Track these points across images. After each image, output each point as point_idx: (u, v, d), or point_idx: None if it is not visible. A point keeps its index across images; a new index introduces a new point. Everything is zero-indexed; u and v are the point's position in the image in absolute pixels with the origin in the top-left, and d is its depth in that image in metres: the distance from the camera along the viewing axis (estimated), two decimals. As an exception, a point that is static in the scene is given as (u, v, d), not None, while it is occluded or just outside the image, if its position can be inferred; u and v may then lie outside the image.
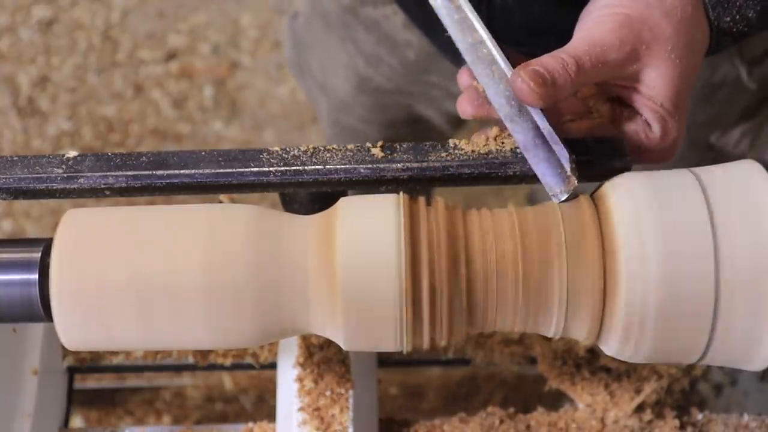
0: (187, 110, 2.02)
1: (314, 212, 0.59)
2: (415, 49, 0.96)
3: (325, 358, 0.75)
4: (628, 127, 0.62)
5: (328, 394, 0.73)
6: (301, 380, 0.74)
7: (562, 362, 0.81)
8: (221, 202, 0.66)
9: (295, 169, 0.61)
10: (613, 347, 0.56)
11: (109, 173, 0.61)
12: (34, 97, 2.03)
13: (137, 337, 0.56)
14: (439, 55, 0.92)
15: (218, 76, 2.06)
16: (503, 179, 0.61)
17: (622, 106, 0.63)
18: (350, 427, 0.72)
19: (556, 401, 0.88)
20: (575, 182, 0.57)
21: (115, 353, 0.87)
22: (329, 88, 1.09)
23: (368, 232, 0.54)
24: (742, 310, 0.52)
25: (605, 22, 0.59)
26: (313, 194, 0.65)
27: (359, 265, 0.54)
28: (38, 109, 2.01)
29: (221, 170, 0.61)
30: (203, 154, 0.62)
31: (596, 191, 0.58)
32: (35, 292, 0.56)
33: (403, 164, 0.61)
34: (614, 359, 0.69)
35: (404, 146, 0.62)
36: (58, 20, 2.14)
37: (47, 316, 0.56)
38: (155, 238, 0.56)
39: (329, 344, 0.75)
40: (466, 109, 0.62)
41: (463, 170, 0.61)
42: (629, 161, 0.60)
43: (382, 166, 0.61)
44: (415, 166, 0.61)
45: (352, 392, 0.74)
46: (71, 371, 0.89)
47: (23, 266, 0.57)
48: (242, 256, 0.55)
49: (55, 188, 0.61)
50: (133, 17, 2.14)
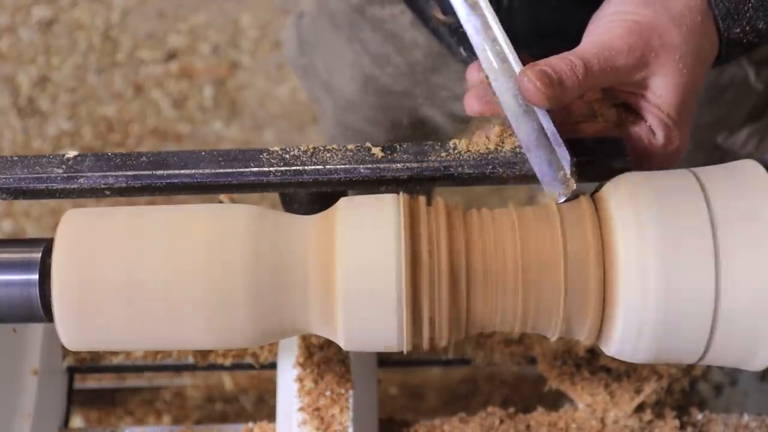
0: (187, 110, 2.02)
1: (314, 212, 0.59)
2: (422, 49, 0.95)
3: (325, 358, 0.75)
4: (632, 132, 0.62)
5: (328, 394, 0.73)
6: (301, 380, 0.74)
7: (562, 362, 0.81)
8: (221, 202, 0.66)
9: (295, 169, 0.61)
10: (613, 347, 0.56)
11: (109, 173, 0.61)
12: (34, 97, 2.03)
13: (137, 337, 0.56)
14: (446, 55, 0.92)
15: (218, 76, 2.06)
16: (503, 179, 0.61)
17: (627, 111, 0.62)
18: (350, 427, 0.72)
19: (556, 401, 0.88)
20: (574, 185, 0.57)
21: (115, 353, 0.87)
22: (334, 87, 1.09)
23: (368, 232, 0.54)
24: (742, 309, 0.52)
25: (615, 27, 0.59)
26: (313, 194, 0.65)
27: (359, 265, 0.54)
28: (38, 109, 2.01)
29: (221, 170, 0.61)
30: (203, 154, 0.62)
31: (596, 191, 0.58)
32: (35, 292, 0.56)
33: (403, 164, 0.61)
34: (614, 359, 0.69)
35: (404, 146, 0.62)
36: (58, 20, 2.14)
37: (47, 316, 0.56)
38: (155, 238, 0.56)
39: (329, 344, 0.75)
40: (473, 105, 0.62)
41: (463, 170, 0.61)
42: (630, 161, 0.60)
43: (382, 166, 0.61)
44: (415, 166, 0.61)
45: (352, 392, 0.74)
46: (71, 371, 0.89)
47: (23, 266, 0.57)
48: (242, 256, 0.55)
49: (55, 188, 0.61)
50: (133, 17, 2.14)
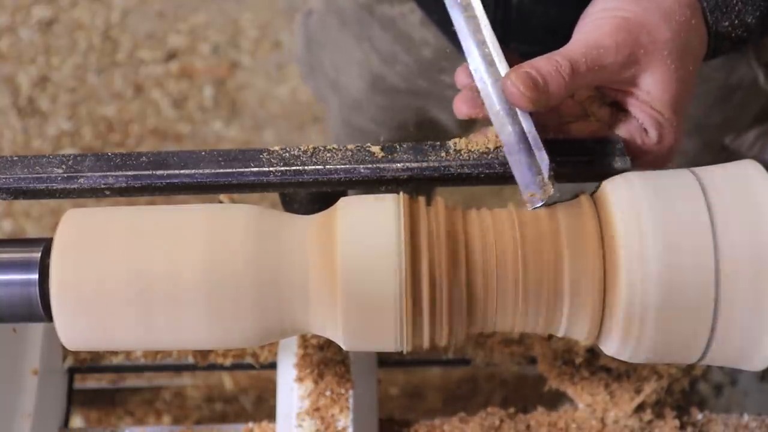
0: (187, 110, 2.02)
1: (314, 212, 0.59)
2: (431, 47, 0.95)
3: (325, 358, 0.75)
4: (624, 131, 0.61)
5: (328, 394, 0.73)
6: (301, 380, 0.74)
7: (562, 362, 0.81)
8: (221, 202, 0.66)
9: (295, 169, 0.61)
10: (613, 347, 0.56)
11: (109, 173, 0.61)
12: (34, 97, 2.03)
13: (137, 337, 0.56)
14: (455, 54, 0.92)
15: (218, 76, 2.06)
16: (503, 179, 0.61)
17: (619, 110, 0.62)
18: (350, 427, 0.72)
19: (556, 401, 0.88)
20: (551, 190, 0.56)
21: (115, 353, 0.87)
22: (341, 86, 1.08)
23: (368, 232, 0.54)
24: (742, 310, 0.52)
25: (603, 25, 0.59)
26: (313, 194, 0.65)
27: (359, 264, 0.54)
28: (38, 109, 2.01)
29: (221, 170, 0.61)
30: (203, 154, 0.62)
31: (596, 191, 0.58)
32: (35, 292, 0.56)
33: (403, 164, 0.61)
34: (614, 359, 0.69)
35: (404, 146, 0.62)
36: (58, 20, 2.14)
37: (47, 316, 0.56)
38: (155, 238, 0.56)
39: (329, 344, 0.75)
40: (461, 108, 0.62)
41: (463, 170, 0.61)
42: (629, 161, 0.60)
43: (382, 166, 0.61)
44: (415, 166, 0.61)
45: (352, 392, 0.74)
46: (71, 371, 0.89)
47: (23, 266, 0.57)
48: (242, 256, 0.55)
49: (55, 188, 0.61)
50: (133, 17, 2.14)
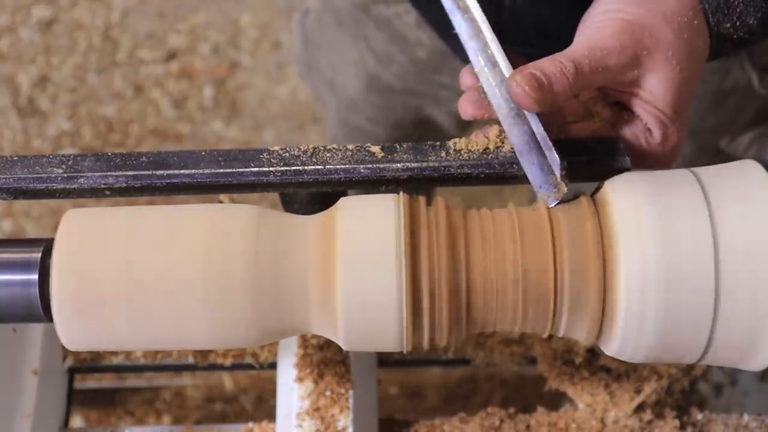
0: (187, 110, 2.02)
1: (314, 212, 0.59)
2: (426, 48, 0.95)
3: (325, 358, 0.75)
4: (628, 131, 0.61)
5: (328, 394, 0.73)
6: (301, 380, 0.74)
7: (562, 362, 0.81)
8: (221, 202, 0.66)
9: (295, 169, 0.61)
10: (613, 347, 0.56)
11: (109, 173, 0.61)
12: (34, 97, 2.03)
13: (137, 337, 0.56)
14: (450, 55, 0.92)
15: (218, 76, 2.06)
16: (503, 179, 0.61)
17: (622, 110, 0.62)
18: (350, 427, 0.72)
19: (556, 401, 0.88)
20: (565, 189, 0.57)
21: (115, 353, 0.87)
22: (338, 86, 1.09)
23: (368, 232, 0.54)
24: (742, 310, 0.52)
25: (606, 27, 0.59)
26: (313, 194, 0.65)
27: (359, 265, 0.54)
28: (38, 109, 2.01)
29: (221, 170, 0.61)
30: (203, 154, 0.62)
31: (596, 191, 0.58)
32: (35, 292, 0.56)
33: (403, 164, 0.61)
34: (614, 359, 0.69)
35: (404, 146, 0.62)
36: (58, 20, 2.14)
37: (47, 316, 0.56)
38: (155, 238, 0.56)
39: (329, 344, 0.75)
40: (466, 109, 0.62)
41: (463, 170, 0.61)
42: (629, 161, 0.60)
43: (382, 166, 0.61)
44: (415, 166, 0.61)
45: (352, 392, 0.74)
46: (71, 371, 0.89)
47: (23, 266, 0.57)
48: (242, 256, 0.55)
49: (55, 188, 0.61)
50: (133, 17, 2.14)
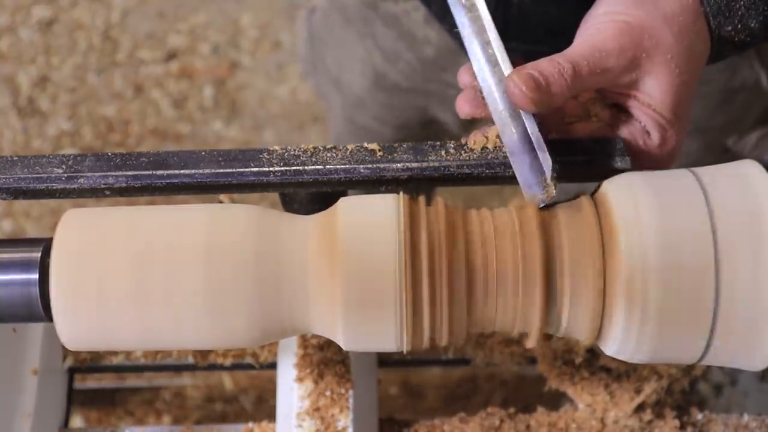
0: (187, 110, 2.02)
1: (314, 212, 0.59)
2: (434, 46, 0.95)
3: (325, 358, 0.75)
4: (626, 132, 0.61)
5: (328, 394, 0.73)
6: (301, 380, 0.74)
7: (562, 362, 0.81)
8: (221, 202, 0.66)
9: (295, 169, 0.61)
10: (613, 347, 0.56)
11: (109, 173, 0.61)
12: (34, 97, 2.03)
13: (137, 336, 0.56)
14: (458, 53, 0.92)
15: (218, 76, 2.06)
16: (503, 179, 0.61)
17: (621, 111, 0.62)
18: (350, 427, 0.72)
19: (556, 401, 0.88)
20: (554, 192, 0.56)
21: (115, 353, 0.87)
22: (344, 84, 1.08)
23: (368, 232, 0.54)
24: (742, 310, 0.52)
25: (606, 28, 0.59)
26: (313, 194, 0.65)
27: (359, 264, 0.54)
28: (38, 109, 2.01)
29: (221, 170, 0.61)
30: (203, 154, 0.62)
31: (596, 191, 0.58)
32: (35, 292, 0.56)
33: (403, 164, 0.61)
34: (614, 359, 0.69)
35: (404, 146, 0.62)
36: (58, 20, 2.14)
37: (47, 316, 0.56)
38: (155, 238, 0.56)
39: (329, 344, 0.75)
40: (464, 107, 0.62)
41: (463, 170, 0.61)
42: (629, 161, 0.60)
43: (382, 166, 0.61)
44: (415, 166, 0.61)
45: (352, 392, 0.74)
46: (71, 371, 0.89)
47: (23, 266, 0.57)
48: (242, 256, 0.55)
49: (55, 188, 0.61)
50: (133, 17, 2.14)
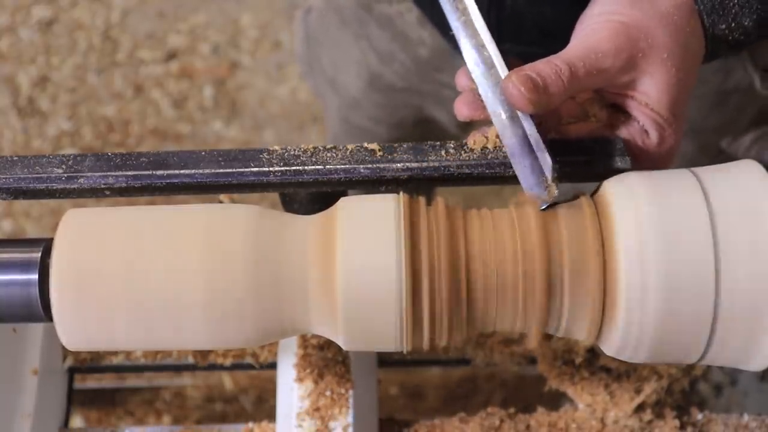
0: (187, 110, 2.02)
1: (314, 212, 0.59)
2: (428, 46, 0.95)
3: (325, 358, 0.75)
4: (625, 132, 0.61)
5: (328, 394, 0.73)
6: (301, 380, 0.74)
7: (562, 362, 0.81)
8: (221, 202, 0.66)
9: (295, 169, 0.61)
10: (613, 347, 0.56)
11: (109, 173, 0.61)
12: (34, 97, 2.03)
13: (137, 337, 0.56)
14: (452, 53, 0.92)
15: (218, 76, 2.06)
16: (503, 179, 0.61)
17: (619, 111, 0.62)
18: (350, 427, 0.72)
19: (556, 401, 0.88)
20: (555, 192, 0.56)
21: (115, 353, 0.87)
22: (340, 84, 1.09)
23: (368, 232, 0.54)
24: (742, 310, 0.52)
25: (601, 29, 0.59)
26: (313, 194, 0.65)
27: (359, 265, 0.54)
28: (38, 109, 2.01)
29: (221, 170, 0.61)
30: (203, 154, 0.62)
31: (596, 191, 0.58)
32: (35, 292, 0.56)
33: (403, 164, 0.61)
34: (614, 359, 0.69)
35: (404, 146, 0.62)
36: (58, 20, 2.14)
37: (47, 316, 0.56)
38: (155, 238, 0.56)
39: (329, 344, 0.75)
40: (462, 110, 0.62)
41: (463, 170, 0.61)
42: (629, 161, 0.60)
43: (382, 166, 0.61)
44: (415, 166, 0.61)
45: (352, 392, 0.74)
46: (71, 371, 0.89)
47: (23, 266, 0.57)
48: (242, 256, 0.55)
49: (55, 188, 0.61)
50: (133, 17, 2.14)
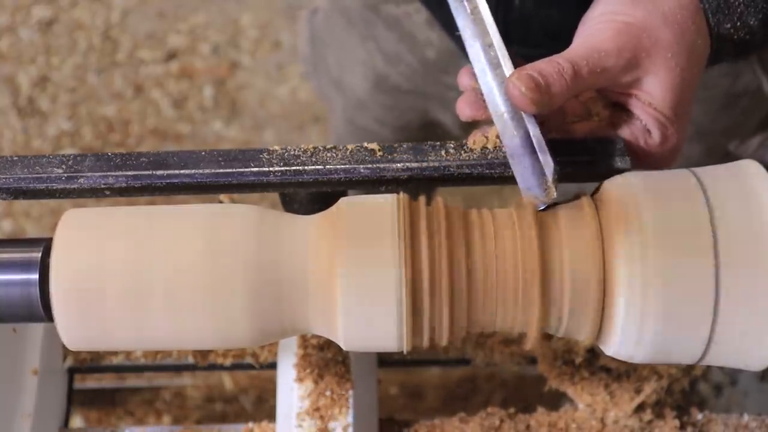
0: (187, 110, 2.02)
1: (314, 212, 0.59)
2: (435, 48, 0.95)
3: (325, 358, 0.75)
4: (627, 131, 0.61)
5: (328, 394, 0.73)
6: (301, 380, 0.74)
7: (562, 362, 0.81)
8: (221, 202, 0.66)
9: (295, 169, 0.61)
10: (612, 347, 0.56)
11: (109, 173, 0.61)
12: (34, 97, 2.03)
13: (137, 336, 0.56)
14: (459, 55, 0.92)
15: (218, 76, 2.06)
16: (503, 179, 0.61)
17: (621, 111, 0.62)
18: (350, 427, 0.72)
19: (556, 401, 0.88)
20: (554, 194, 0.56)
21: (115, 353, 0.87)
22: (345, 85, 1.08)
23: (368, 232, 0.54)
24: (742, 310, 0.52)
25: (605, 28, 0.59)
26: (313, 194, 0.65)
27: (359, 265, 0.54)
28: (38, 109, 2.01)
29: (221, 170, 0.61)
30: (203, 154, 0.62)
31: (596, 191, 0.58)
32: (35, 292, 0.56)
33: (403, 164, 0.61)
34: (614, 359, 0.69)
35: (404, 146, 0.62)
36: (58, 20, 2.14)
37: (47, 316, 0.56)
38: (155, 238, 0.56)
39: (329, 344, 0.75)
40: (464, 110, 0.62)
41: (463, 170, 0.61)
42: (630, 161, 0.60)
43: (382, 166, 0.61)
44: (415, 166, 0.61)
45: (352, 392, 0.74)
46: (71, 371, 0.89)
47: (23, 266, 0.57)
48: (242, 256, 0.55)
49: (55, 188, 0.61)
50: (133, 17, 2.14)
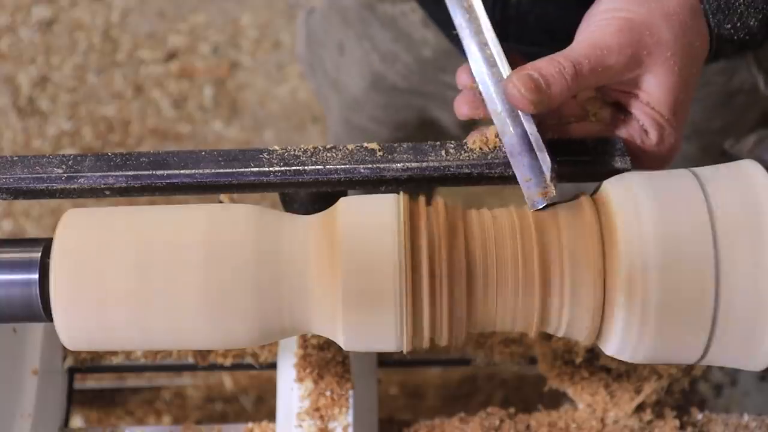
0: (187, 110, 2.02)
1: (314, 212, 0.59)
2: (431, 47, 0.95)
3: (325, 358, 0.75)
4: (624, 131, 0.61)
5: (328, 394, 0.73)
6: (301, 380, 0.74)
7: (562, 362, 0.81)
8: (221, 202, 0.66)
9: (295, 169, 0.61)
10: (612, 347, 0.56)
11: (109, 173, 0.61)
12: (34, 97, 2.03)
13: (137, 336, 0.56)
14: (455, 54, 0.92)
15: (218, 76, 2.06)
16: (503, 179, 0.61)
17: (619, 110, 0.62)
18: (350, 427, 0.72)
19: (556, 401, 0.88)
20: (554, 192, 0.56)
21: (115, 353, 0.87)
22: (342, 85, 1.08)
23: (368, 232, 0.54)
24: (741, 310, 0.52)
25: (607, 26, 0.59)
26: (313, 194, 0.65)
27: (359, 265, 0.54)
28: (38, 109, 2.01)
29: (221, 170, 0.61)
30: (203, 154, 0.62)
31: (596, 191, 0.58)
32: (35, 292, 0.56)
33: (403, 164, 0.61)
34: (614, 359, 0.69)
35: (404, 146, 0.62)
36: (58, 20, 2.14)
37: (47, 316, 0.56)
38: (155, 238, 0.56)
39: (329, 344, 0.75)
40: (462, 109, 0.62)
41: (463, 170, 0.61)
42: (629, 161, 0.60)
43: (382, 166, 0.61)
44: (415, 166, 0.61)
45: (352, 392, 0.74)
46: (71, 371, 0.89)
47: (23, 266, 0.57)
48: (242, 256, 0.55)
49: (55, 188, 0.61)
50: (133, 17, 2.14)
